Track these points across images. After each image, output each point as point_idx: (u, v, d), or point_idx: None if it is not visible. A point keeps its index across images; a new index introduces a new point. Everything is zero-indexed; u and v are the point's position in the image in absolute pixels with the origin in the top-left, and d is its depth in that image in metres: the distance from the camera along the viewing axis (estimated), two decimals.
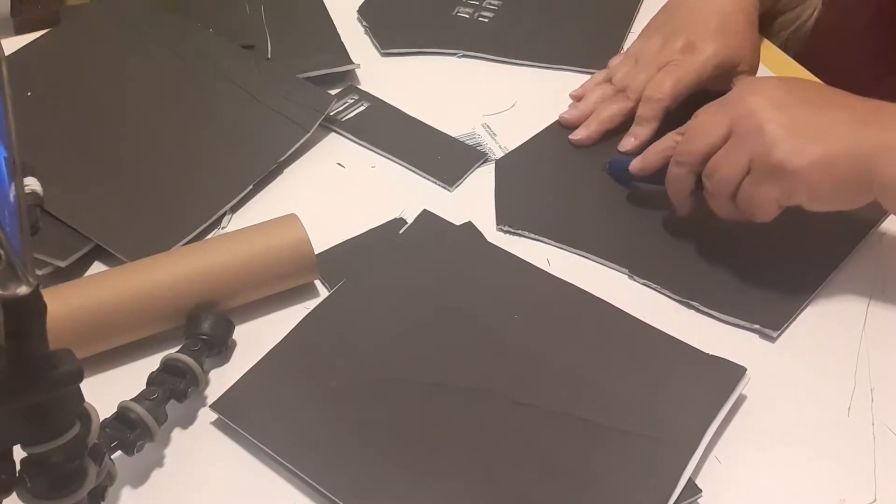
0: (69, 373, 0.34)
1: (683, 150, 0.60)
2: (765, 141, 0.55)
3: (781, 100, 0.57)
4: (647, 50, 0.73)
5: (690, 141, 0.60)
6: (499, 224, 0.65)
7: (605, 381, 0.54)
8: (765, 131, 0.55)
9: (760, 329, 0.58)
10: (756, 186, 0.56)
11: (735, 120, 0.57)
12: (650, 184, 0.65)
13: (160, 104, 0.71)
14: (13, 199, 0.33)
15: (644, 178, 0.65)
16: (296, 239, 0.57)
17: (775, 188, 0.56)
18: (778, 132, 0.55)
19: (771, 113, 0.56)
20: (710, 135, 0.58)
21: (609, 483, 0.49)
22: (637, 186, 0.67)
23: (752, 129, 0.56)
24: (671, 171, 0.61)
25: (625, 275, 0.62)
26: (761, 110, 0.56)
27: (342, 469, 0.49)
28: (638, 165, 0.65)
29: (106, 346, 0.55)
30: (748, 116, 0.56)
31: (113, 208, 0.63)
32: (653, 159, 0.64)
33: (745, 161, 0.56)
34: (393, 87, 0.77)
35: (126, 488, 0.50)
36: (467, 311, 0.58)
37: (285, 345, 0.55)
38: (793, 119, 0.56)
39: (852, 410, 0.55)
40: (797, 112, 0.56)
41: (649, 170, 0.64)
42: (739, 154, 0.57)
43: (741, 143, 0.57)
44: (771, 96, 0.57)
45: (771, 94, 0.57)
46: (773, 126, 0.55)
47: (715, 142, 0.58)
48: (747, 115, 0.57)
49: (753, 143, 0.56)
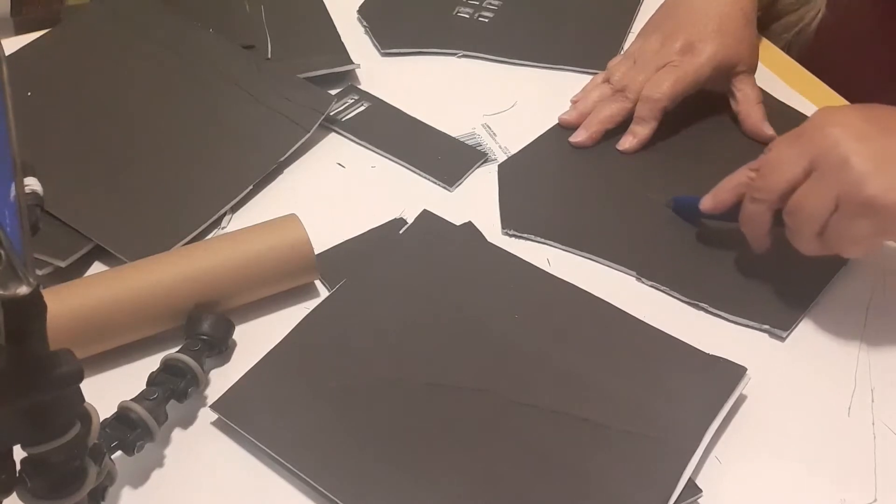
0: (69, 373, 0.34)
1: (761, 187, 0.57)
2: (852, 176, 0.52)
3: (863, 130, 0.54)
4: (646, 50, 0.73)
5: (768, 176, 0.57)
6: (504, 228, 0.65)
7: (606, 381, 0.54)
8: (851, 165, 0.53)
9: (770, 329, 0.58)
10: (846, 223, 0.53)
11: (816, 154, 0.54)
12: (720, 220, 0.62)
13: (160, 104, 0.71)
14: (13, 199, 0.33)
15: (714, 215, 0.62)
16: (296, 239, 0.57)
17: (868, 224, 0.53)
18: (865, 166, 0.52)
19: (855, 145, 0.53)
20: (789, 170, 0.55)
21: (609, 483, 0.49)
22: (705, 224, 0.64)
23: (836, 164, 0.53)
24: (747, 208, 0.59)
25: (628, 276, 0.62)
26: (844, 142, 0.53)
27: (342, 469, 0.49)
28: (710, 204, 0.61)
29: (106, 346, 0.55)
30: (831, 150, 0.54)
31: (113, 208, 0.63)
32: (725, 196, 0.61)
33: (832, 197, 0.53)
34: (393, 87, 0.77)
35: (126, 488, 0.50)
36: (467, 311, 0.58)
37: (285, 345, 0.55)
38: (878, 150, 0.53)
39: (852, 410, 0.55)
40: (882, 142, 0.54)
41: (722, 208, 0.61)
42: (825, 190, 0.54)
43: (826, 178, 0.54)
44: (851, 126, 0.54)
45: (851, 125, 0.54)
46: (860, 159, 0.53)
47: (795, 177, 0.55)
48: (830, 148, 0.54)
49: (840, 178, 0.53)
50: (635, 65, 0.73)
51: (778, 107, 0.75)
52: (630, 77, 0.72)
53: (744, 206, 0.59)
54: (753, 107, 0.72)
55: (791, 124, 0.73)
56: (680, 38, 0.71)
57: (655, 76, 0.71)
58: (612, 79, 0.74)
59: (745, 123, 0.72)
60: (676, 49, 0.71)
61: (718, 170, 0.69)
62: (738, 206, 0.60)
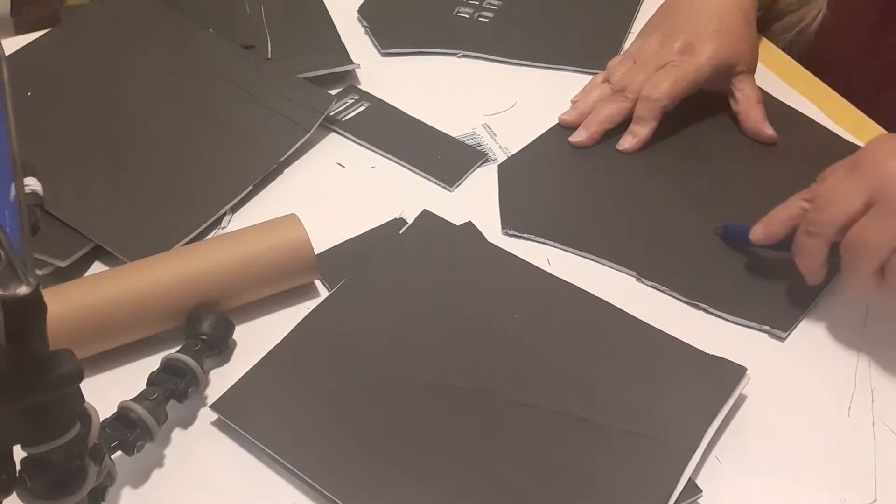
0: (69, 373, 0.34)
1: (816, 220, 0.56)
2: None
3: None
4: (646, 50, 0.73)
5: (824, 210, 0.56)
6: (504, 228, 0.65)
7: (606, 381, 0.54)
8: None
9: (770, 330, 0.58)
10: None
11: (876, 187, 0.53)
12: (772, 250, 0.61)
13: (160, 104, 0.71)
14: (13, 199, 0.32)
15: (766, 246, 0.61)
16: (296, 239, 0.57)
17: None
18: None
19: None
20: (848, 203, 0.54)
21: (609, 483, 0.49)
22: (754, 251, 0.63)
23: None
24: (802, 241, 0.57)
25: (628, 276, 0.62)
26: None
27: (342, 469, 0.49)
28: (761, 235, 0.60)
29: (106, 346, 0.55)
30: (892, 183, 0.52)
31: (113, 208, 0.63)
32: (778, 229, 0.59)
33: (894, 234, 0.52)
34: (393, 87, 0.77)
35: (126, 488, 0.50)
36: (467, 311, 0.58)
37: (285, 345, 0.55)
38: None
39: (852, 410, 0.55)
40: None
41: (774, 240, 0.60)
42: (888, 225, 0.52)
43: (887, 215, 0.53)
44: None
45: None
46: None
47: (855, 211, 0.54)
48: (890, 181, 0.53)
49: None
50: (635, 65, 0.73)
51: (778, 107, 0.75)
52: (630, 77, 0.72)
53: (798, 239, 0.58)
54: (753, 107, 0.72)
55: (791, 124, 0.74)
56: (680, 39, 0.71)
57: (655, 76, 0.71)
58: (612, 79, 0.74)
59: (745, 123, 0.72)
60: (676, 49, 0.71)
61: (718, 170, 0.70)
62: (789, 235, 0.59)
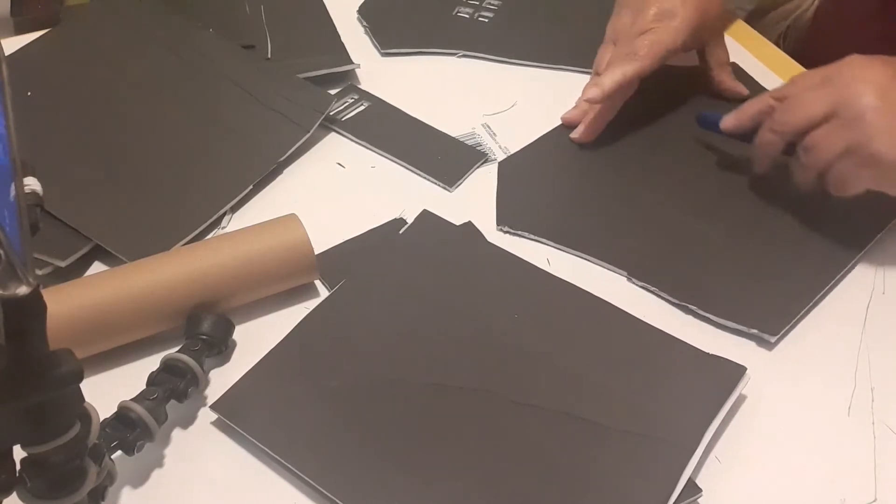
0: (69, 373, 0.34)
1: (781, 121, 0.61)
2: (866, 130, 0.56)
3: (887, 89, 0.58)
4: (620, 28, 0.73)
5: (789, 112, 0.61)
6: (499, 224, 0.65)
7: (606, 381, 0.54)
8: (867, 120, 0.57)
9: (758, 334, 0.58)
10: (849, 170, 0.58)
11: (838, 102, 0.58)
12: (737, 139, 0.67)
13: (160, 104, 0.71)
14: (13, 199, 0.32)
15: (733, 134, 0.67)
16: (296, 239, 0.57)
17: (867, 175, 0.58)
18: (880, 123, 0.56)
19: (875, 101, 0.57)
20: (810, 110, 0.59)
21: (609, 483, 0.49)
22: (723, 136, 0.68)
23: (855, 116, 0.57)
24: (764, 135, 0.63)
25: (623, 277, 0.62)
26: (866, 97, 0.57)
27: (342, 469, 0.49)
28: (731, 124, 0.66)
29: (106, 346, 0.55)
30: (853, 102, 0.57)
31: (113, 208, 0.63)
32: (745, 120, 0.65)
33: (844, 146, 0.58)
34: (393, 87, 0.77)
35: (126, 488, 0.50)
36: (467, 311, 0.58)
37: (285, 345, 0.55)
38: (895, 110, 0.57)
39: (852, 410, 0.55)
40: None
41: (741, 130, 0.66)
42: (839, 138, 0.58)
43: (842, 127, 0.58)
44: (878, 84, 0.58)
45: (878, 82, 0.58)
46: (877, 116, 0.56)
47: (814, 118, 0.59)
48: (852, 100, 0.57)
49: (854, 130, 0.57)
50: (616, 46, 0.73)
51: None
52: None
53: (761, 133, 0.63)
54: (725, 69, 0.76)
55: None
56: (652, 7, 0.71)
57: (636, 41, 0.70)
58: (599, 68, 0.74)
59: (721, 87, 0.76)
60: (651, 17, 0.71)
61: (714, 172, 0.70)
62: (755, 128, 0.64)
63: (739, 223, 0.65)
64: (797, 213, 0.65)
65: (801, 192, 0.62)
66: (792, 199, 0.66)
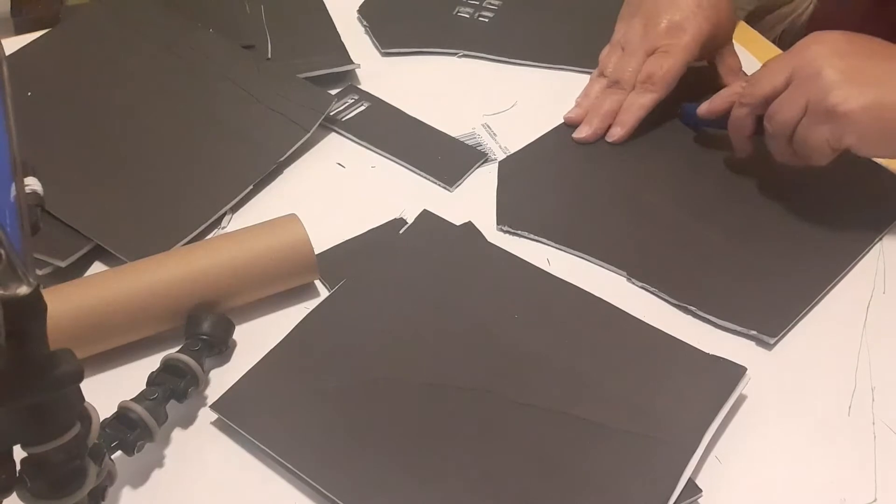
0: (69, 373, 0.34)
1: (747, 93, 0.64)
2: (821, 85, 0.58)
3: (843, 49, 0.59)
4: (631, 36, 0.74)
5: (754, 85, 0.63)
6: (499, 224, 0.65)
7: (605, 381, 0.54)
8: (822, 76, 0.58)
9: (757, 336, 0.58)
10: (810, 128, 0.59)
11: (796, 66, 0.60)
12: (717, 128, 0.69)
13: (160, 104, 0.71)
14: (13, 199, 0.32)
15: (711, 121, 0.69)
16: (296, 239, 0.57)
17: (826, 130, 0.58)
18: (834, 77, 0.58)
19: (830, 60, 0.59)
20: (772, 79, 0.61)
21: (609, 483, 0.49)
22: (705, 130, 0.71)
23: (811, 75, 0.59)
24: (734, 113, 0.65)
25: (623, 277, 0.62)
26: (822, 57, 0.59)
27: (342, 469, 0.49)
28: (705, 108, 0.69)
29: (106, 346, 0.55)
30: (809, 63, 0.59)
31: (113, 208, 0.63)
32: (719, 103, 0.68)
33: (803, 104, 0.59)
34: (393, 87, 0.77)
35: (126, 488, 0.50)
36: (467, 311, 0.58)
37: (285, 345, 0.55)
38: (851, 66, 0.58)
39: (853, 410, 0.55)
40: (856, 60, 0.59)
41: (715, 113, 0.68)
42: (797, 97, 0.59)
43: (800, 87, 0.59)
44: (833, 45, 0.60)
45: (833, 44, 0.60)
46: (832, 72, 0.58)
47: (777, 86, 0.61)
48: (809, 61, 0.59)
49: (811, 87, 0.59)
50: (624, 53, 0.73)
51: None
52: (621, 67, 0.73)
53: (732, 112, 0.66)
54: (737, 75, 0.76)
55: None
56: (663, 19, 0.72)
57: (646, 64, 0.71)
58: (606, 71, 0.74)
59: None
60: (662, 31, 0.72)
61: (715, 173, 0.70)
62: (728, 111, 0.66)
63: (740, 224, 0.65)
64: (797, 213, 0.65)
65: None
66: (792, 199, 0.66)
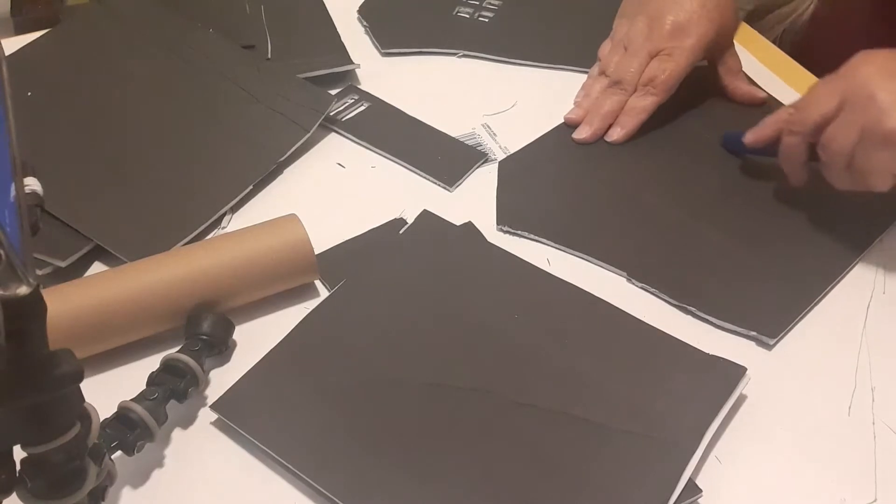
0: (69, 373, 0.34)
1: (796, 120, 0.61)
2: (876, 109, 0.56)
3: (893, 69, 0.57)
4: (634, 36, 0.73)
5: (803, 111, 0.61)
6: (499, 224, 0.65)
7: (606, 381, 0.54)
8: (876, 100, 0.56)
9: (757, 336, 0.58)
10: (867, 155, 0.57)
11: (847, 90, 0.58)
12: (764, 155, 0.67)
13: (160, 104, 0.71)
14: (13, 199, 0.32)
15: (758, 149, 0.67)
16: (296, 239, 0.57)
17: (888, 156, 0.56)
18: (889, 100, 0.56)
19: (882, 82, 0.57)
20: (822, 105, 0.59)
21: (609, 483, 0.49)
22: (751, 158, 0.69)
23: (863, 99, 0.57)
24: (785, 140, 0.62)
25: (623, 277, 0.62)
26: (873, 80, 0.57)
27: (342, 469, 0.49)
28: (751, 137, 0.66)
29: (106, 346, 0.55)
30: (861, 86, 0.57)
31: (113, 208, 0.63)
32: (766, 131, 0.65)
33: (858, 130, 0.57)
34: (393, 87, 0.77)
35: (126, 488, 0.50)
36: (467, 311, 0.58)
37: (285, 345, 0.55)
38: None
39: (853, 410, 0.55)
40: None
41: (762, 141, 0.65)
42: (852, 124, 0.57)
43: (853, 112, 0.57)
44: (883, 66, 0.58)
45: (884, 65, 0.58)
46: (885, 94, 0.56)
47: (828, 112, 0.59)
48: (860, 85, 0.57)
49: (865, 112, 0.57)
50: (627, 52, 0.73)
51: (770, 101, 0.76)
52: (623, 68, 0.72)
53: (782, 140, 0.63)
54: (739, 77, 0.75)
55: None
56: (667, 20, 0.71)
57: (649, 68, 0.71)
58: (607, 70, 0.74)
59: (737, 94, 0.75)
60: (666, 33, 0.71)
61: (718, 172, 0.70)
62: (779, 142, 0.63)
63: (740, 224, 0.65)
64: (797, 214, 0.65)
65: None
66: (792, 200, 0.66)
